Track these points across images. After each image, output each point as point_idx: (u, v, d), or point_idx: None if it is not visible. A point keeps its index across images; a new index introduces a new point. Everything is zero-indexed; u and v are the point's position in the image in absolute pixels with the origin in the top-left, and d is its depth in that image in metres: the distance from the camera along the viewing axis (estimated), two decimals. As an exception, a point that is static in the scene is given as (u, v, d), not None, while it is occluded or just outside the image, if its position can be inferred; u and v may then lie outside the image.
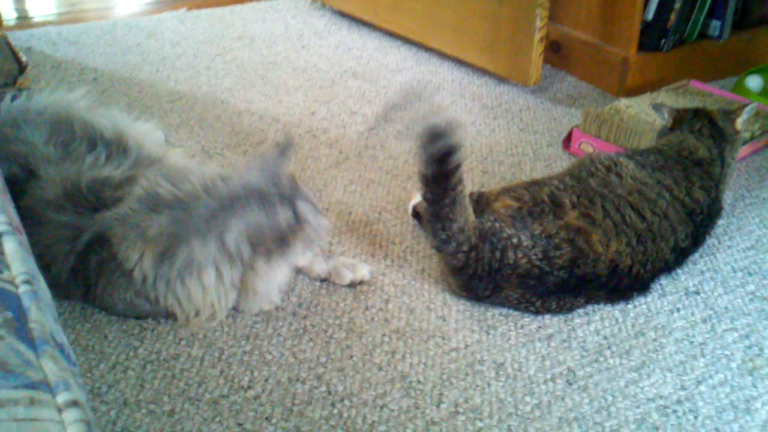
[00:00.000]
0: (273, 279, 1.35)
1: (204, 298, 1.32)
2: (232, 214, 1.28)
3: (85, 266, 1.32)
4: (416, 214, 1.61)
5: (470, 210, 1.42)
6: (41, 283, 0.81)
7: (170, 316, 1.35)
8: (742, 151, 1.95)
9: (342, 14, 2.94)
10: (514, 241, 1.35)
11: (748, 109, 1.68)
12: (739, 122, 1.67)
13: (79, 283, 1.34)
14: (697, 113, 1.66)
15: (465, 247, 1.37)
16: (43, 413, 0.62)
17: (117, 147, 1.51)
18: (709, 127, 1.63)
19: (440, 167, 1.34)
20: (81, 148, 1.47)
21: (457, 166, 1.34)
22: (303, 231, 1.33)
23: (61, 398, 0.64)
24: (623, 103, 2.05)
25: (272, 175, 1.33)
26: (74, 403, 0.64)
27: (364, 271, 1.49)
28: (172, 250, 1.27)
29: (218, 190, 1.30)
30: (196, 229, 1.27)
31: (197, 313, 1.34)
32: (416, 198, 1.61)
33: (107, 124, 1.58)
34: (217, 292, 1.32)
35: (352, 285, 1.48)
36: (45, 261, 1.27)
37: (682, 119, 1.66)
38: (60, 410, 0.63)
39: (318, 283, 1.48)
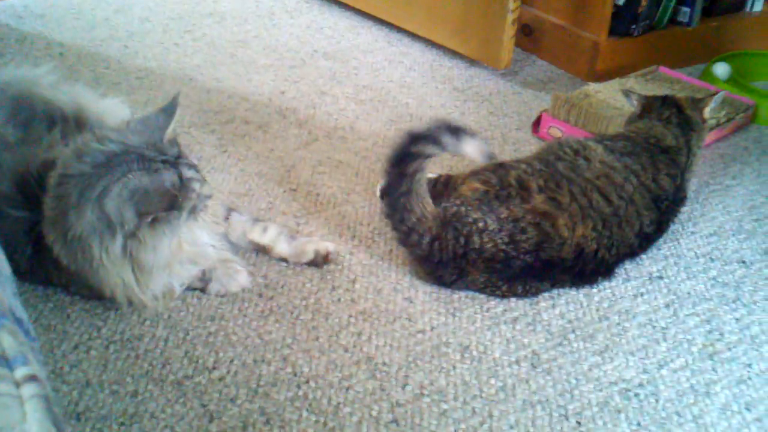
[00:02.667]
0: (159, 251, 1.24)
1: (105, 276, 1.23)
2: (110, 178, 1.18)
3: (40, 255, 1.29)
4: (384, 196, 1.60)
5: (428, 199, 1.41)
6: (1, 257, 0.80)
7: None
8: (708, 137, 1.97)
9: (314, -7, 2.91)
10: (480, 225, 1.35)
11: (716, 98, 1.70)
12: (707, 111, 1.69)
13: (37, 272, 1.32)
14: (666, 101, 1.68)
15: (427, 239, 1.37)
16: (1, 388, 0.61)
17: (76, 124, 1.46)
18: (677, 115, 1.64)
19: (402, 150, 1.35)
20: (41, 127, 1.43)
21: (419, 154, 1.35)
22: (189, 198, 1.24)
23: (19, 373, 0.63)
24: (592, 88, 2.06)
25: (154, 137, 1.25)
26: (33, 378, 0.64)
27: (327, 244, 1.48)
28: (61, 227, 1.20)
29: (92, 153, 1.20)
30: (70, 200, 1.18)
31: (126, 295, 1.27)
32: (384, 180, 1.60)
33: (68, 100, 1.54)
34: (108, 267, 1.22)
35: (317, 262, 1.46)
36: (8, 251, 1.24)
37: (650, 107, 1.67)
38: (18, 385, 0.62)
39: (284, 264, 1.47)
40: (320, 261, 1.47)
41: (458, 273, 1.38)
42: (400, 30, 2.61)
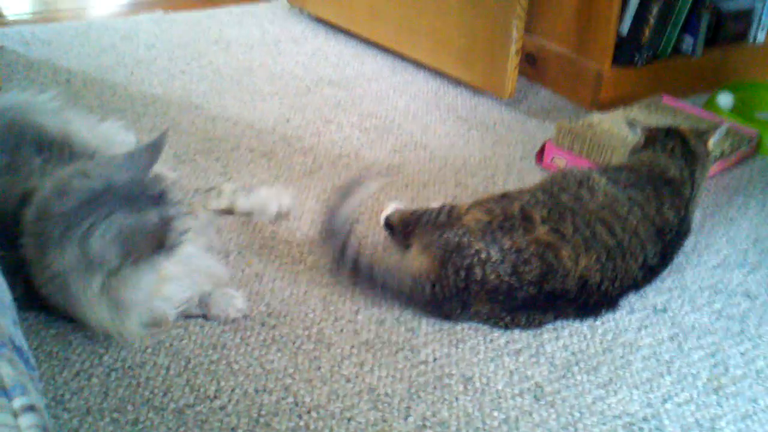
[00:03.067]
0: (140, 288, 1.24)
1: (87, 311, 1.22)
2: (95, 217, 1.17)
3: (31, 294, 1.27)
4: (388, 225, 1.60)
5: (404, 262, 1.44)
6: (2, 285, 0.80)
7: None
8: (712, 168, 1.97)
9: (320, 21, 2.93)
10: (483, 256, 1.35)
11: (720, 130, 1.70)
12: (711, 142, 1.69)
13: (34, 304, 1.31)
14: (670, 132, 1.67)
15: (428, 287, 1.38)
16: (-1, 417, 0.61)
17: (60, 151, 1.43)
18: (681, 146, 1.64)
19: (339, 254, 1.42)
20: (27, 154, 1.40)
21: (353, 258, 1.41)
22: (170, 238, 1.23)
23: (18, 403, 0.63)
24: (596, 117, 2.06)
25: (139, 173, 1.24)
26: (31, 408, 0.63)
27: (286, 200, 1.48)
28: (41, 266, 1.20)
29: (75, 191, 1.19)
30: (51, 238, 1.17)
31: (110, 328, 1.26)
32: (388, 209, 1.60)
33: (58, 126, 1.52)
34: (86, 304, 1.21)
35: (278, 218, 1.48)
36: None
37: (654, 138, 1.67)
38: (16, 415, 0.62)
39: (287, 293, 1.47)
40: (282, 216, 1.48)
41: (461, 306, 1.38)
42: (404, 58, 2.62)
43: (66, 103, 1.74)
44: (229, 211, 1.47)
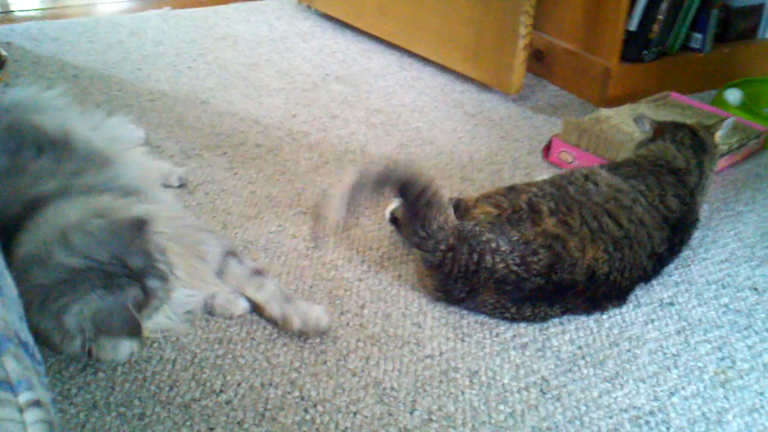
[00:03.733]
0: (120, 349, 1.25)
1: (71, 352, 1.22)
2: (71, 296, 1.15)
3: None
4: (394, 219, 1.60)
5: (450, 210, 1.42)
6: (7, 280, 0.80)
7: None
8: (720, 163, 1.97)
9: (327, 17, 2.93)
10: (492, 245, 1.35)
11: (726, 123, 1.69)
12: (718, 135, 1.68)
13: None
14: (679, 125, 1.68)
15: (443, 246, 1.37)
16: (3, 413, 0.61)
17: (56, 152, 1.41)
18: (690, 137, 1.64)
19: (405, 192, 1.42)
20: (28, 155, 1.39)
21: (422, 190, 1.40)
22: (152, 307, 1.24)
23: (23, 398, 0.63)
24: (604, 113, 2.06)
25: (120, 248, 1.20)
26: (36, 403, 0.63)
27: (319, 315, 1.36)
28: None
29: (54, 267, 1.17)
30: (32, 305, 1.14)
31: None
32: (393, 204, 1.60)
33: (57, 126, 1.50)
34: (69, 352, 1.22)
35: (305, 333, 1.35)
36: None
37: (663, 131, 1.67)
38: (21, 410, 0.62)
39: (293, 288, 1.47)
40: (310, 333, 1.35)
41: (468, 291, 1.38)
42: (411, 54, 2.62)
43: (72, 100, 1.75)
44: (256, 308, 1.39)
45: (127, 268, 1.20)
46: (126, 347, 1.26)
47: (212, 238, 1.45)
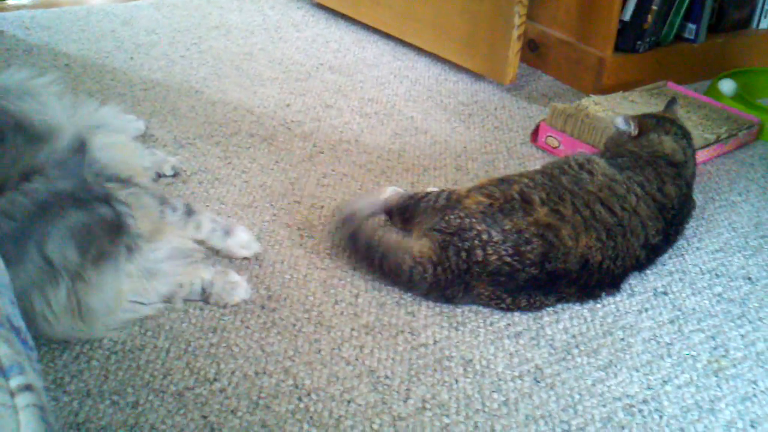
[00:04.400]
0: (106, 291, 1.22)
1: (51, 331, 1.20)
2: (47, 223, 1.14)
3: None
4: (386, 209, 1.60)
5: (404, 241, 1.43)
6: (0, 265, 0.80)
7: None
8: (709, 153, 1.97)
9: (321, 6, 2.92)
10: (484, 237, 1.35)
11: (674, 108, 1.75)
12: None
13: None
14: (660, 118, 1.67)
15: (430, 271, 1.38)
16: (-6, 397, 0.60)
17: (29, 138, 1.35)
18: (678, 128, 1.64)
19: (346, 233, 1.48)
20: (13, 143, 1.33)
21: (366, 242, 1.44)
22: (126, 233, 1.23)
23: (14, 382, 0.63)
24: (593, 99, 2.07)
25: (78, 176, 1.21)
26: (28, 388, 0.63)
27: (256, 246, 1.51)
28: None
29: (20, 207, 1.14)
30: (7, 260, 1.11)
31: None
32: (386, 193, 1.60)
33: (25, 111, 1.46)
34: (51, 322, 1.18)
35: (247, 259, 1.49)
36: None
37: (647, 126, 1.64)
38: (12, 394, 0.62)
39: (288, 277, 1.47)
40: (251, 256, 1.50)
41: (464, 289, 1.38)
42: (405, 44, 2.61)
43: (63, 88, 1.73)
44: (199, 242, 1.49)
45: (92, 192, 1.21)
46: (110, 288, 1.23)
47: (144, 193, 1.45)
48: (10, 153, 1.29)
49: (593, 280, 1.40)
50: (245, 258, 1.50)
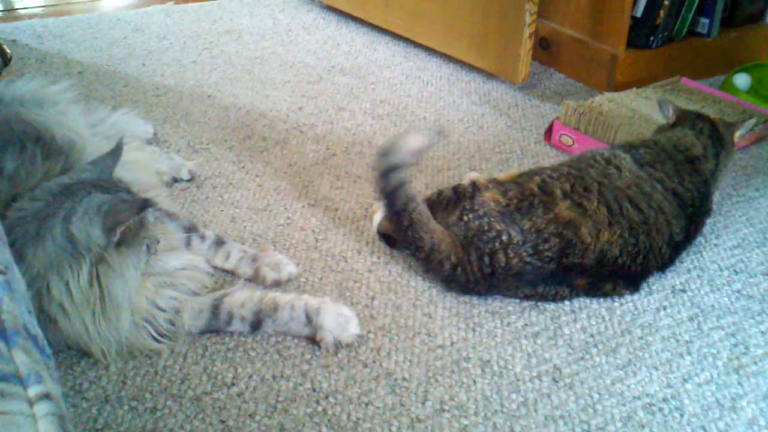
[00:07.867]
0: (127, 278, 1.19)
1: (66, 324, 1.17)
2: (72, 201, 1.15)
3: None
4: (385, 236, 1.57)
5: (432, 225, 1.41)
6: (15, 274, 0.79)
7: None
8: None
9: (331, 9, 2.92)
10: (504, 238, 1.35)
11: (747, 123, 1.71)
12: (738, 135, 1.69)
13: None
14: (701, 115, 1.68)
15: (448, 264, 1.38)
16: (13, 406, 0.60)
17: (49, 148, 1.36)
18: (709, 129, 1.64)
19: (385, 185, 1.41)
20: (13, 153, 1.32)
21: (400, 185, 1.40)
22: (146, 227, 1.21)
23: (33, 391, 0.62)
24: (606, 96, 2.06)
25: (104, 174, 1.24)
26: (46, 396, 0.63)
27: (290, 269, 1.46)
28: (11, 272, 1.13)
29: (44, 189, 1.18)
30: (26, 239, 1.13)
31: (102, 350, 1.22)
32: (378, 213, 1.56)
33: (47, 121, 1.46)
34: (69, 309, 1.16)
35: (278, 284, 1.44)
36: None
37: (685, 118, 1.67)
38: (31, 403, 0.61)
39: (303, 280, 1.47)
40: (282, 281, 1.45)
41: (488, 288, 1.40)
42: (417, 45, 2.61)
43: (77, 95, 1.74)
44: (233, 273, 1.47)
45: (114, 186, 1.23)
46: (132, 276, 1.20)
47: (169, 219, 1.45)
48: (26, 166, 1.29)
49: (604, 272, 1.39)
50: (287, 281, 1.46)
